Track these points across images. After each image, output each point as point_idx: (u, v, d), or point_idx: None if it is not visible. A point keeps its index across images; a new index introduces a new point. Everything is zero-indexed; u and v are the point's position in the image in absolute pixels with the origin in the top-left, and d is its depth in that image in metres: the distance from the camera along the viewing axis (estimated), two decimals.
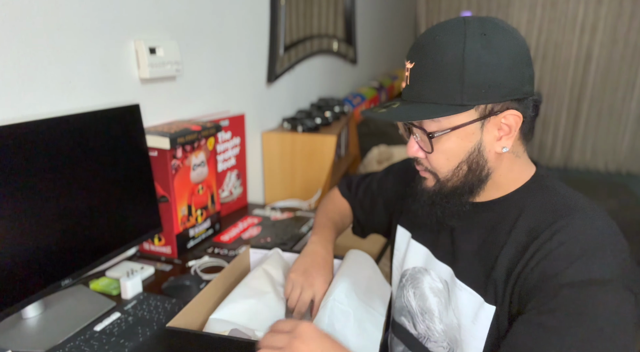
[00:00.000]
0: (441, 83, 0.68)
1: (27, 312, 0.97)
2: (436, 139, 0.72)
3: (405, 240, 0.93)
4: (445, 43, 0.68)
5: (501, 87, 0.67)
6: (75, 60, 1.07)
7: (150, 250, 1.28)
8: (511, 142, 0.71)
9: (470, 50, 0.66)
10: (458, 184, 0.75)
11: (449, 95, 0.68)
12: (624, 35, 4.06)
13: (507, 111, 0.69)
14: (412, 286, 0.89)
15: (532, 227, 0.70)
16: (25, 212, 0.87)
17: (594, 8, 4.08)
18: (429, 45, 0.69)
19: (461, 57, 0.66)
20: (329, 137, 1.77)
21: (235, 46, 1.65)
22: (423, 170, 0.78)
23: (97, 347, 0.88)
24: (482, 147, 0.72)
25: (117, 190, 1.07)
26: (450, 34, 0.68)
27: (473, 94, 0.67)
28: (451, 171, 0.74)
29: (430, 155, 0.74)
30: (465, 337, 0.76)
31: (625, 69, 4.13)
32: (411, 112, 0.71)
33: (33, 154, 0.88)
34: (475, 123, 0.70)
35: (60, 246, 0.95)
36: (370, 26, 3.23)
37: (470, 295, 0.75)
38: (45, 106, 1.02)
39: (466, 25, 0.68)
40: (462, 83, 0.67)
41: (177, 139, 1.18)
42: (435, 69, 0.68)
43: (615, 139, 4.34)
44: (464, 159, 0.72)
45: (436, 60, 0.68)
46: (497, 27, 0.68)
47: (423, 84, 0.70)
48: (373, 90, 3.07)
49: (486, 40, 0.66)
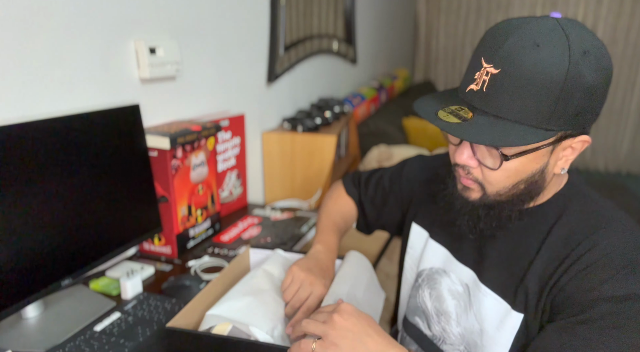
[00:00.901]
0: (532, 102, 0.60)
1: (27, 312, 0.97)
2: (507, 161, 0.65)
3: (422, 239, 0.91)
4: (547, 59, 0.58)
5: (589, 114, 0.62)
6: (75, 60, 1.07)
7: (150, 250, 1.28)
8: (569, 164, 0.68)
9: (574, 72, 0.58)
10: (508, 200, 0.70)
11: (536, 117, 0.60)
12: (624, 35, 4.06)
13: (581, 136, 0.65)
14: (428, 287, 0.87)
15: (569, 236, 0.68)
16: (25, 212, 0.87)
17: (594, 8, 4.08)
18: (527, 55, 0.59)
19: (564, 78, 0.58)
20: (329, 137, 1.77)
21: (235, 46, 1.65)
22: (469, 180, 0.71)
23: (97, 347, 0.88)
24: (546, 169, 0.68)
25: (117, 190, 1.08)
26: (554, 46, 0.59)
27: (563, 119, 0.61)
28: (506, 188, 0.69)
29: (489, 170, 0.68)
30: (487, 343, 0.75)
31: (625, 69, 4.13)
32: (495, 133, 0.61)
33: (33, 154, 0.88)
34: (549, 146, 0.65)
35: (60, 246, 0.95)
36: (370, 26, 3.23)
37: (495, 301, 0.74)
38: (45, 106, 1.02)
39: (569, 37, 0.59)
40: (556, 106, 0.59)
41: (177, 139, 1.18)
42: (529, 85, 0.59)
43: (615, 139, 4.33)
44: (524, 178, 0.67)
45: (534, 75, 0.59)
46: (594, 41, 0.61)
47: (507, 97, 0.61)
48: (373, 90, 3.07)
49: (587, 61, 0.59)
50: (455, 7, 4.51)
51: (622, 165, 4.38)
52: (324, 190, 1.81)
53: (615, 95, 4.22)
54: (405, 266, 0.96)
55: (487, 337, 0.75)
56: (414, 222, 0.94)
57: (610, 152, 4.39)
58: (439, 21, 4.61)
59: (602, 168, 4.44)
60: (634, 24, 4.02)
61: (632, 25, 4.02)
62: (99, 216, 1.03)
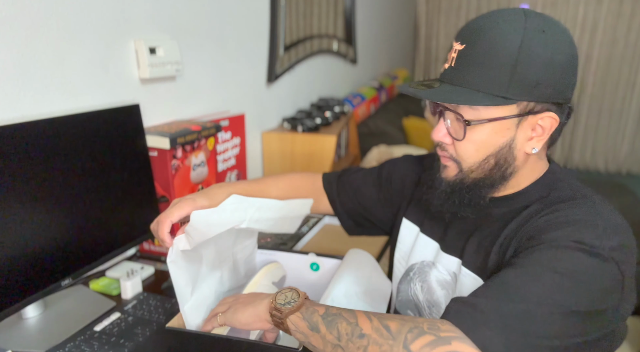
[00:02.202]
0: (490, 71, 0.66)
1: (27, 312, 0.97)
2: (470, 127, 0.70)
3: (413, 234, 0.92)
4: (504, 31, 0.66)
5: (548, 88, 0.66)
6: (76, 60, 1.07)
7: (150, 250, 1.28)
8: (541, 145, 0.71)
9: (528, 43, 0.65)
10: (481, 177, 0.74)
11: (495, 86, 0.67)
12: (624, 35, 4.06)
13: (546, 113, 0.69)
14: (419, 280, 0.88)
15: (534, 211, 0.71)
16: (25, 213, 0.87)
17: (594, 8, 4.08)
18: (486, 30, 0.67)
19: (517, 49, 0.65)
20: (329, 137, 1.77)
21: (235, 46, 1.65)
22: (446, 158, 0.77)
23: (97, 347, 0.88)
24: (513, 144, 0.71)
25: (117, 190, 1.07)
26: (511, 23, 0.66)
27: (520, 89, 0.66)
28: (477, 163, 0.73)
29: (459, 143, 0.73)
30: None
31: (625, 69, 4.13)
32: (454, 95, 0.69)
33: (33, 154, 0.88)
34: (513, 119, 0.69)
35: (60, 246, 0.95)
36: (370, 26, 3.23)
37: (473, 280, 0.77)
38: (45, 106, 1.02)
39: (527, 18, 0.67)
40: (512, 76, 0.66)
41: (177, 139, 1.18)
42: (487, 56, 0.66)
43: (615, 139, 4.33)
44: (493, 152, 0.72)
45: (491, 46, 0.66)
46: (557, 26, 0.67)
47: (470, 69, 0.68)
48: (373, 90, 3.07)
49: (545, 38, 0.65)
50: (455, 7, 4.51)
51: (622, 165, 4.38)
52: None
53: (615, 95, 4.22)
54: (395, 261, 0.97)
55: None
56: (404, 218, 0.95)
57: (610, 152, 4.39)
58: (439, 21, 4.61)
59: (602, 168, 4.44)
60: (634, 25, 4.02)
61: (632, 26, 4.02)
62: (99, 216, 1.03)
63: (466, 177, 0.75)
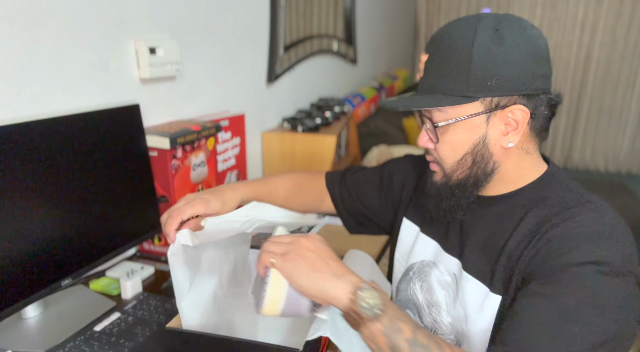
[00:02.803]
0: (449, 74, 0.70)
1: (27, 312, 0.97)
2: (442, 129, 0.74)
3: (413, 233, 0.93)
4: (456, 36, 0.70)
5: (508, 82, 0.68)
6: (76, 60, 1.07)
7: (150, 250, 1.28)
8: (518, 138, 0.72)
9: (480, 43, 0.68)
10: (463, 177, 0.76)
11: (456, 87, 0.70)
12: (624, 35, 4.06)
13: (514, 106, 0.70)
14: (419, 279, 0.89)
15: (541, 218, 0.71)
16: (25, 212, 0.87)
17: (594, 8, 4.08)
18: (442, 38, 0.72)
19: (469, 49, 0.68)
20: (329, 137, 1.77)
21: (235, 46, 1.65)
22: (432, 162, 0.80)
23: (97, 347, 0.88)
24: (487, 140, 0.73)
25: (117, 190, 1.07)
26: (463, 28, 0.71)
27: (478, 86, 0.69)
28: (456, 162, 0.75)
29: (438, 145, 0.76)
30: (471, 327, 0.77)
31: (625, 69, 4.13)
32: (418, 101, 0.73)
33: (33, 154, 0.88)
34: (481, 116, 0.71)
35: (60, 246, 0.95)
36: (370, 26, 3.23)
37: (476, 286, 0.77)
38: (45, 106, 1.02)
39: (480, 20, 0.70)
40: (469, 75, 0.69)
41: (177, 139, 1.18)
42: (444, 61, 0.71)
43: (615, 139, 4.33)
44: (469, 151, 0.74)
45: (447, 52, 0.71)
46: (512, 23, 0.69)
47: (434, 76, 0.73)
48: (373, 90, 3.07)
49: (497, 35, 0.68)
50: (455, 7, 4.51)
51: (622, 165, 4.38)
52: None
53: (615, 95, 4.22)
54: (394, 261, 0.97)
55: (471, 322, 0.77)
56: (405, 218, 0.96)
57: (610, 152, 4.39)
58: (439, 21, 4.60)
59: (602, 168, 4.44)
60: (633, 25, 4.01)
61: (632, 26, 4.02)
62: (99, 215, 1.03)
63: (450, 179, 0.77)
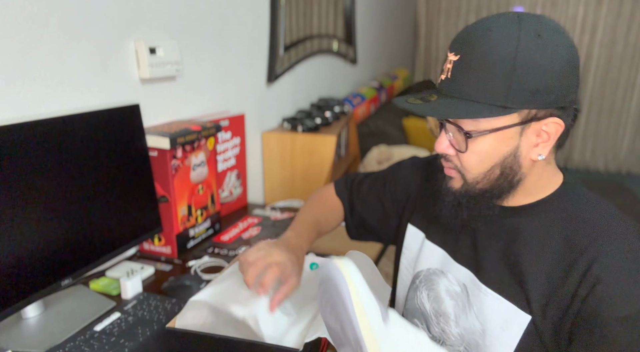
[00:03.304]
0: (487, 81, 0.64)
1: (27, 312, 0.97)
2: (472, 139, 0.68)
3: (419, 240, 0.90)
4: (497, 39, 0.64)
5: (549, 94, 0.64)
6: (76, 60, 1.07)
7: (150, 250, 1.28)
8: (548, 150, 0.69)
9: (524, 50, 0.62)
10: (487, 187, 0.72)
11: (493, 96, 0.64)
12: (624, 35, 4.06)
13: (550, 118, 0.66)
14: (426, 288, 0.86)
15: (569, 239, 0.69)
16: (25, 212, 0.87)
17: (594, 8, 4.08)
18: (479, 39, 0.65)
19: (513, 57, 0.63)
20: (329, 137, 1.78)
21: (235, 46, 1.65)
22: (450, 168, 0.75)
23: (97, 347, 0.88)
24: (518, 153, 0.69)
25: (117, 190, 1.08)
26: (504, 30, 0.64)
27: (519, 98, 0.64)
28: (482, 174, 0.71)
29: (463, 154, 0.71)
30: (492, 343, 0.74)
31: (625, 69, 4.13)
32: (451, 108, 0.66)
33: (33, 154, 0.88)
34: (515, 127, 0.67)
35: (60, 246, 0.95)
36: (370, 26, 3.23)
37: (497, 301, 0.73)
38: (45, 106, 1.02)
39: (521, 22, 0.64)
40: (510, 85, 0.63)
41: (177, 139, 1.18)
42: (482, 66, 0.64)
43: (615, 139, 4.34)
44: (498, 162, 0.69)
45: (485, 56, 0.64)
46: (553, 29, 0.65)
47: (466, 80, 0.66)
48: (373, 90, 3.07)
49: (541, 42, 0.63)
50: (455, 7, 4.51)
51: (622, 165, 4.38)
52: None
53: (615, 95, 4.22)
54: (401, 268, 0.95)
55: (491, 337, 0.74)
56: (409, 224, 0.94)
57: (610, 152, 4.39)
58: (439, 21, 4.60)
59: (602, 168, 4.45)
60: (633, 25, 4.02)
61: (631, 26, 4.02)
62: (99, 216, 1.03)
63: (472, 188, 0.73)
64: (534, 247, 0.71)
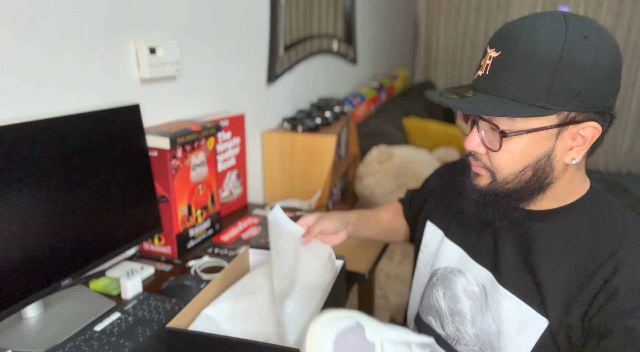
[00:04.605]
0: (528, 80, 0.62)
1: (27, 312, 0.97)
2: (506, 138, 0.66)
3: (437, 238, 0.90)
4: (543, 37, 0.62)
5: (590, 97, 0.62)
6: (76, 60, 1.07)
7: (150, 250, 1.28)
8: (582, 155, 0.68)
9: (570, 51, 0.61)
10: (517, 188, 0.70)
11: (533, 95, 0.63)
12: (624, 36, 4.06)
13: (588, 122, 0.65)
14: (442, 286, 0.86)
15: (592, 248, 0.68)
16: (25, 212, 0.87)
17: (594, 8, 4.08)
18: (524, 36, 0.63)
19: (558, 56, 0.61)
20: (329, 137, 1.77)
21: (235, 46, 1.65)
22: (479, 167, 0.73)
23: (97, 347, 0.88)
24: (552, 155, 0.67)
25: (117, 190, 1.08)
26: (551, 28, 0.62)
27: (560, 99, 0.62)
28: (513, 174, 0.69)
29: (494, 153, 0.69)
30: (506, 345, 0.74)
31: (625, 69, 4.13)
32: (488, 105, 0.65)
33: (33, 154, 0.88)
34: (552, 129, 0.65)
35: (61, 246, 0.95)
36: (370, 26, 3.23)
37: (515, 303, 0.73)
38: (45, 106, 1.02)
39: (568, 23, 0.62)
40: (552, 84, 0.62)
41: (177, 139, 1.18)
42: (525, 63, 0.62)
43: (615, 139, 4.34)
44: (531, 164, 0.68)
45: (529, 54, 0.62)
46: (599, 30, 0.63)
47: (506, 77, 0.64)
48: (373, 90, 3.07)
49: (587, 44, 0.61)
50: (455, 7, 4.51)
51: (622, 165, 4.38)
52: (324, 190, 1.81)
53: None
54: (418, 265, 0.95)
55: (507, 339, 0.74)
56: (429, 221, 0.93)
57: (610, 152, 4.39)
58: (439, 21, 4.60)
59: (602, 168, 4.45)
60: (633, 25, 4.02)
61: (631, 26, 4.02)
62: (99, 215, 1.03)
63: (500, 188, 0.71)
64: (556, 253, 0.70)
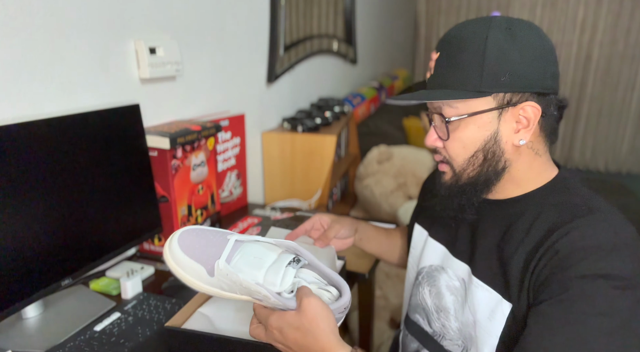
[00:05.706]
0: (461, 70, 0.70)
1: (27, 312, 0.97)
2: (453, 125, 0.73)
3: (422, 238, 0.94)
4: (468, 33, 0.71)
5: (521, 78, 0.69)
6: (76, 60, 1.07)
7: (150, 250, 1.28)
8: (529, 136, 0.72)
9: (493, 39, 0.68)
10: (474, 175, 0.75)
11: (468, 82, 0.70)
12: (624, 35, 4.06)
13: (526, 103, 0.70)
14: (428, 284, 0.89)
15: (550, 225, 0.70)
16: (25, 212, 0.87)
17: (594, 8, 4.08)
18: (454, 36, 0.73)
19: (483, 45, 0.69)
20: (329, 137, 1.77)
21: (235, 46, 1.65)
22: (441, 162, 0.79)
23: (97, 347, 0.88)
24: (498, 137, 0.72)
25: (117, 190, 1.08)
26: (475, 26, 0.71)
27: (491, 82, 0.69)
28: (466, 160, 0.75)
29: (447, 142, 0.75)
30: (480, 334, 0.76)
31: (625, 69, 4.13)
32: (430, 94, 0.73)
33: (33, 154, 0.88)
34: (493, 112, 0.71)
35: (61, 246, 0.95)
36: (370, 26, 3.23)
37: (487, 292, 0.75)
38: (45, 106, 1.02)
39: (492, 20, 0.71)
40: (482, 70, 0.69)
41: (177, 139, 1.18)
42: (456, 57, 0.71)
43: (615, 139, 4.34)
44: (480, 147, 0.73)
45: (459, 45, 0.71)
46: (523, 24, 0.70)
47: (445, 72, 0.72)
48: (373, 90, 3.07)
49: (510, 33, 0.69)
50: (455, 7, 4.51)
51: (622, 165, 4.38)
52: (323, 190, 1.81)
53: (615, 95, 4.22)
54: (408, 266, 0.98)
55: (480, 328, 0.76)
56: (416, 223, 0.98)
57: (610, 152, 4.39)
58: (439, 21, 4.60)
59: (602, 168, 4.45)
60: (633, 24, 4.02)
61: (632, 26, 4.02)
62: (99, 216, 1.03)
63: (460, 178, 0.77)
64: (520, 236, 0.72)
